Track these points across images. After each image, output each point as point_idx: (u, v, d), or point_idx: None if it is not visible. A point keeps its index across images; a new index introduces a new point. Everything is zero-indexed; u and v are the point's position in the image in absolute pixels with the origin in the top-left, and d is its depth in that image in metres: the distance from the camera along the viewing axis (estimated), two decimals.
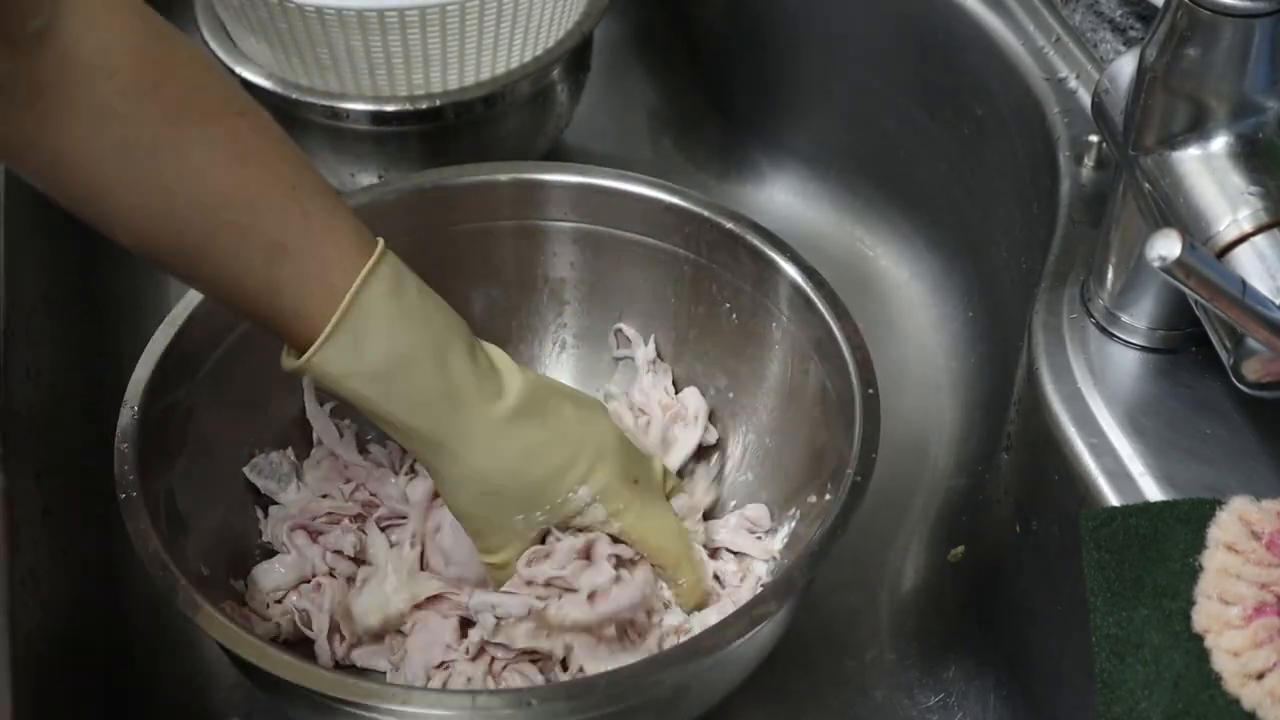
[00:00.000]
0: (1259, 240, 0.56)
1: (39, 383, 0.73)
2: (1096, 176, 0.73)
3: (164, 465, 0.67)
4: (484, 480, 0.66)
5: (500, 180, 0.78)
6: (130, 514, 0.63)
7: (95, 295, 0.91)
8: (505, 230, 0.79)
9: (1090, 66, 0.78)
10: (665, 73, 1.10)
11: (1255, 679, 0.52)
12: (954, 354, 0.89)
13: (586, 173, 0.78)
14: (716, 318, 0.78)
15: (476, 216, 0.78)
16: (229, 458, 0.74)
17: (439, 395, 0.64)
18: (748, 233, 0.74)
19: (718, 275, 0.76)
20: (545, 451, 0.67)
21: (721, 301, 0.77)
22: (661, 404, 0.79)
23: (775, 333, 0.75)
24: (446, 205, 0.78)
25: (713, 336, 0.78)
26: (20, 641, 0.59)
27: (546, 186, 0.78)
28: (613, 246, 0.79)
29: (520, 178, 0.78)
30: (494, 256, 0.80)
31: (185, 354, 0.70)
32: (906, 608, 0.78)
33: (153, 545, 0.62)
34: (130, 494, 0.63)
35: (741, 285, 0.75)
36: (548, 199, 0.78)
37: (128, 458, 0.65)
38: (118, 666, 0.74)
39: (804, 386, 0.73)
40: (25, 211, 0.78)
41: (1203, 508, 0.56)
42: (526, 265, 0.80)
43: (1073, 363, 0.64)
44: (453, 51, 0.86)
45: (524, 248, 0.80)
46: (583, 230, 0.79)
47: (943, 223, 0.92)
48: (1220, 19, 0.55)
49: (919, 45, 0.89)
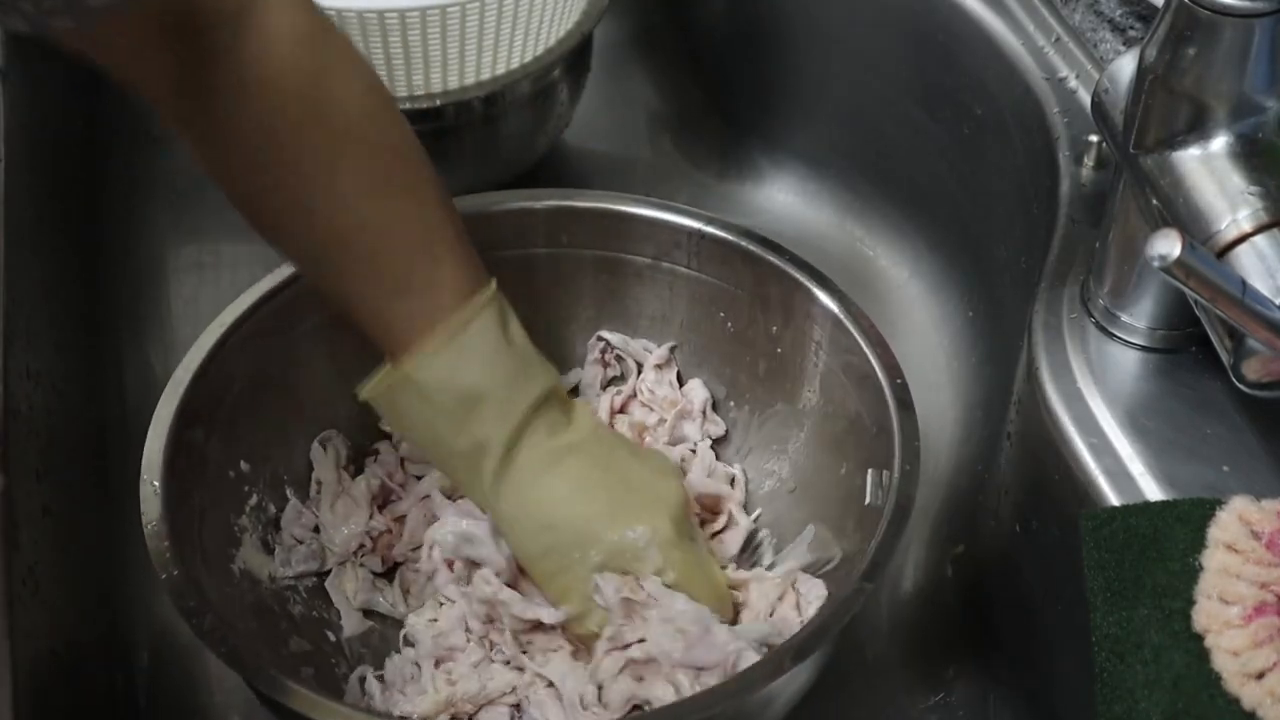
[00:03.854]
0: (1259, 240, 0.56)
1: (39, 383, 0.73)
2: (1096, 176, 0.73)
3: (191, 551, 0.66)
4: (540, 513, 0.67)
5: (537, 208, 0.78)
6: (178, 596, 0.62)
7: (95, 295, 0.91)
8: (541, 258, 0.79)
9: (1090, 66, 0.78)
10: (665, 73, 1.10)
11: (1255, 679, 0.52)
12: (954, 353, 0.89)
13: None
14: (752, 343, 0.78)
15: (515, 244, 0.79)
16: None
17: (511, 429, 0.66)
18: (785, 262, 0.74)
19: (753, 302, 0.77)
20: (601, 487, 0.68)
21: (758, 330, 0.77)
22: (668, 399, 0.79)
23: (810, 362, 0.74)
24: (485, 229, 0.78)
25: (748, 368, 0.79)
26: (20, 641, 0.59)
27: (576, 213, 0.78)
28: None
29: (556, 204, 0.79)
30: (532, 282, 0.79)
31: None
32: (906, 607, 0.78)
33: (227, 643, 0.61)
34: (171, 573, 0.62)
35: (777, 313, 0.76)
36: (577, 226, 0.79)
37: (160, 533, 0.64)
38: (118, 666, 0.74)
39: (839, 415, 0.73)
40: (25, 211, 0.78)
41: (1203, 507, 0.56)
42: (559, 292, 0.81)
43: (1073, 362, 0.64)
44: (453, 52, 0.86)
45: (554, 275, 0.80)
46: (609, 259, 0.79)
47: (943, 223, 0.92)
48: (1220, 19, 0.55)
49: (919, 45, 0.89)
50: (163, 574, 0.62)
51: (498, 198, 0.79)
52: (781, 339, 0.76)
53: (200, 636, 0.60)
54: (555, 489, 0.67)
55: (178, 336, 0.88)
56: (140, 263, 0.95)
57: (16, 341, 0.71)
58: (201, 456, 0.69)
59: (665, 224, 0.77)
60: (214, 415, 0.70)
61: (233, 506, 0.71)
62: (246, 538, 0.71)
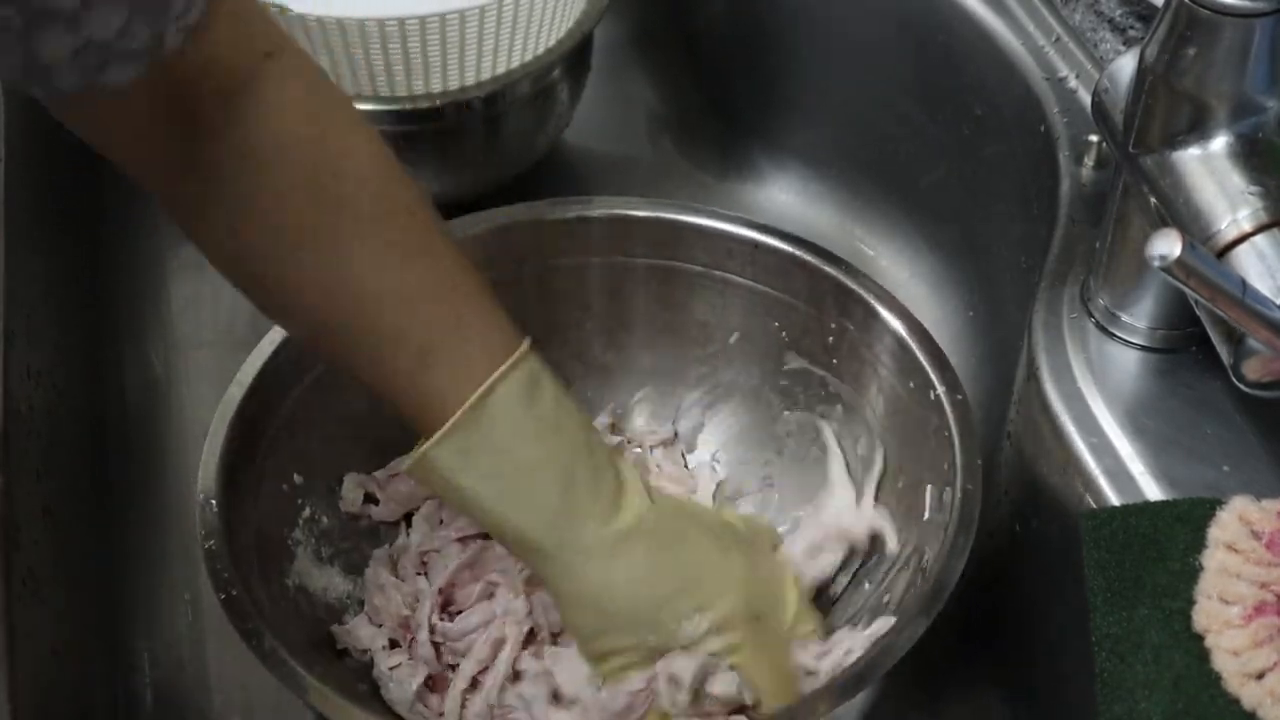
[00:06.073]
0: (1259, 240, 0.56)
1: (39, 383, 0.73)
2: (1096, 176, 0.73)
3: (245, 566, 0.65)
4: (594, 600, 0.64)
5: (593, 216, 0.77)
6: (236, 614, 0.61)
7: (95, 295, 0.91)
8: (596, 267, 0.78)
9: (1090, 66, 0.78)
10: (665, 73, 1.10)
11: (1255, 678, 0.52)
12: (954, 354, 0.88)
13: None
14: (810, 353, 0.76)
15: (571, 252, 0.78)
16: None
17: (556, 505, 0.62)
18: (847, 276, 0.73)
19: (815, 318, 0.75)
20: (656, 575, 0.64)
21: (814, 340, 0.76)
22: (674, 478, 0.79)
23: (869, 373, 0.73)
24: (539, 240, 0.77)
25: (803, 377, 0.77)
26: (20, 641, 0.59)
27: (631, 222, 0.77)
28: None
29: (612, 214, 0.77)
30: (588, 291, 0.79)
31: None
32: None
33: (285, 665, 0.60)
34: (230, 593, 0.61)
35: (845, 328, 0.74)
36: (636, 235, 0.77)
37: (218, 555, 0.63)
38: (119, 665, 0.74)
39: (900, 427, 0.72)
40: (25, 212, 0.78)
41: (1203, 507, 0.56)
42: (614, 302, 0.80)
43: (1073, 362, 0.64)
44: (453, 56, 0.86)
45: (610, 284, 0.79)
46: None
47: (943, 222, 0.92)
48: (1220, 19, 0.55)
49: (919, 45, 0.89)
50: (220, 594, 0.61)
51: (553, 206, 0.77)
52: (838, 349, 0.75)
53: (261, 659, 0.59)
54: (609, 576, 0.64)
55: (178, 336, 0.88)
56: (140, 263, 0.95)
57: (16, 341, 0.71)
58: (258, 472, 0.68)
59: (721, 233, 0.76)
60: (267, 430, 0.69)
61: (286, 520, 0.70)
62: (300, 551, 0.70)
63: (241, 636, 0.60)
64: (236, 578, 0.62)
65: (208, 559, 0.62)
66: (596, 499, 0.63)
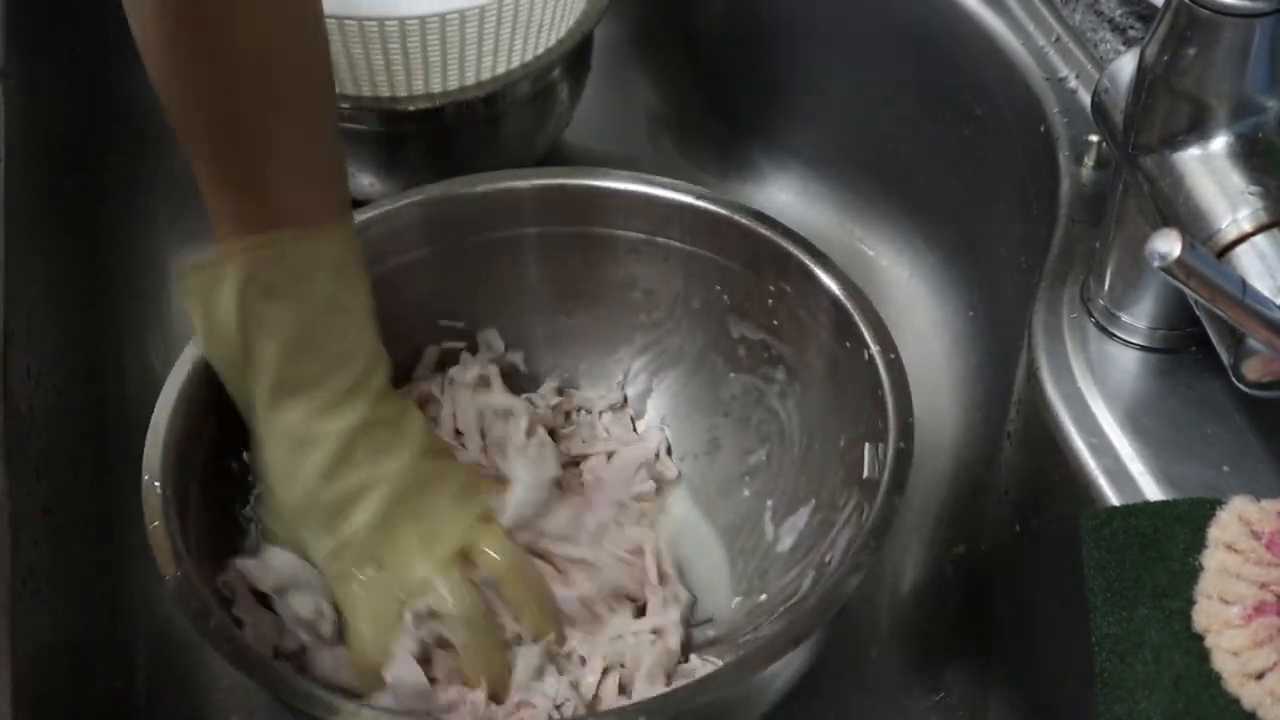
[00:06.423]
0: (1259, 240, 0.56)
1: (39, 383, 0.73)
2: (1096, 176, 0.73)
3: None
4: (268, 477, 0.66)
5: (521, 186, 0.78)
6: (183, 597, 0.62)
7: (95, 295, 0.91)
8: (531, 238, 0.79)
9: (1090, 66, 0.78)
10: (665, 73, 1.10)
11: (1255, 679, 0.52)
12: (954, 354, 0.89)
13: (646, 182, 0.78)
14: (749, 315, 0.78)
15: (502, 224, 0.79)
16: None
17: (319, 369, 0.65)
18: (779, 235, 0.75)
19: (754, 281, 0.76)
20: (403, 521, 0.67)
21: (755, 302, 0.77)
22: (623, 440, 0.80)
23: (809, 332, 0.75)
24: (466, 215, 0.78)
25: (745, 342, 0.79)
26: (20, 641, 0.59)
27: (562, 190, 0.78)
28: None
29: (543, 184, 0.78)
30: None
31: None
32: (906, 607, 0.78)
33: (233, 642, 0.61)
34: (175, 574, 0.62)
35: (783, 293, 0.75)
36: (566, 204, 0.78)
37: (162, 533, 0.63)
38: (118, 666, 0.74)
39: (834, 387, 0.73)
40: (25, 212, 0.78)
41: (1203, 507, 0.56)
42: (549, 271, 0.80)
43: (1073, 362, 0.64)
44: (453, 56, 0.86)
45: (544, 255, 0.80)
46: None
47: (943, 223, 0.92)
48: (1220, 19, 0.55)
49: (919, 45, 0.89)
50: (165, 575, 0.62)
51: (483, 179, 0.79)
52: (778, 311, 0.76)
53: (205, 636, 0.60)
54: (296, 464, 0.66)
55: (178, 336, 0.88)
56: (140, 263, 0.95)
57: (16, 341, 0.71)
58: (201, 452, 0.69)
59: (654, 199, 0.77)
60: (212, 409, 0.69)
61: (237, 499, 0.71)
62: (253, 528, 0.71)
63: (186, 617, 0.60)
64: (181, 559, 0.62)
65: (153, 539, 0.62)
66: (341, 385, 0.65)
